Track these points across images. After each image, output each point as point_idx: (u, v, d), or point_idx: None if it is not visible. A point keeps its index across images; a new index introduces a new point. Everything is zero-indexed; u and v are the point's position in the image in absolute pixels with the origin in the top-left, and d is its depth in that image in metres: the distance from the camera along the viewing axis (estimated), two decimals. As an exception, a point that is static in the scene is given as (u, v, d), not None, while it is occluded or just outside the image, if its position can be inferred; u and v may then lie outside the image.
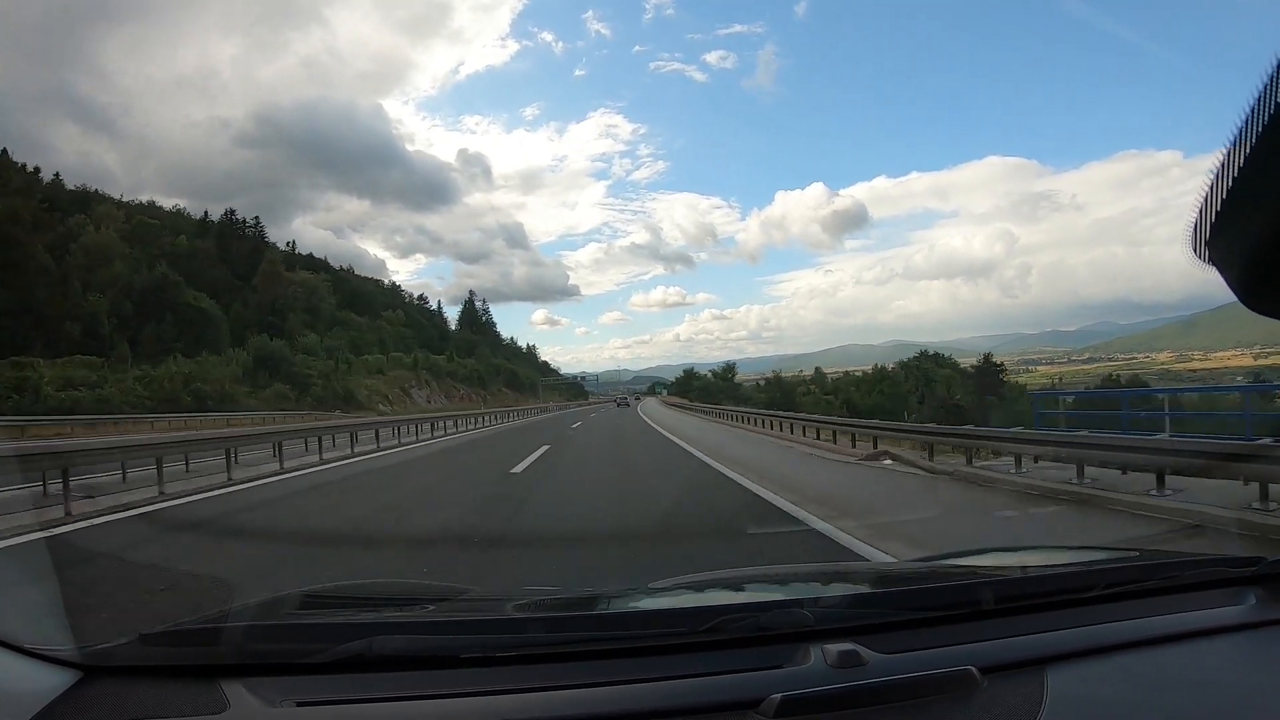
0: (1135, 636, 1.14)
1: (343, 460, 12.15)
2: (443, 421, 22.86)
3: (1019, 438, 8.46)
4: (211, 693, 0.93)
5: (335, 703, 0.93)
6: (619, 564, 4.60)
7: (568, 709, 0.92)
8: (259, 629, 1.11)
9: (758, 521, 5.87)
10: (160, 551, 5.23)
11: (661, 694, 0.94)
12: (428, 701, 0.92)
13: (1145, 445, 6.86)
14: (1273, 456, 5.40)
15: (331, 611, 1.37)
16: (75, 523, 5.89)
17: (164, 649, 1.03)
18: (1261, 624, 1.22)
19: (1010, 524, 5.93)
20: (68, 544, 5.12)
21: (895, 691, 0.95)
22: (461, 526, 5.90)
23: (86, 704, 0.93)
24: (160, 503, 7.17)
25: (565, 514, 6.75)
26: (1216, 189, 0.57)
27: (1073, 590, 1.26)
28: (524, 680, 0.96)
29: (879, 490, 8.20)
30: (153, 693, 0.94)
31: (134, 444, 8.77)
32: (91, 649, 1.02)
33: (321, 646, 0.99)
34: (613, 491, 8.43)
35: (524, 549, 5.19)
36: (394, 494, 8.56)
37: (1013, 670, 1.02)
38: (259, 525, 6.41)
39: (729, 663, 1.01)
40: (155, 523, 6.20)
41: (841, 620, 1.11)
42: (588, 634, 1.11)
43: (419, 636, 1.08)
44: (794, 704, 0.91)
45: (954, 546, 2.34)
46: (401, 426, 18.05)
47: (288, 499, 7.84)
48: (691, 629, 1.07)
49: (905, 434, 11.24)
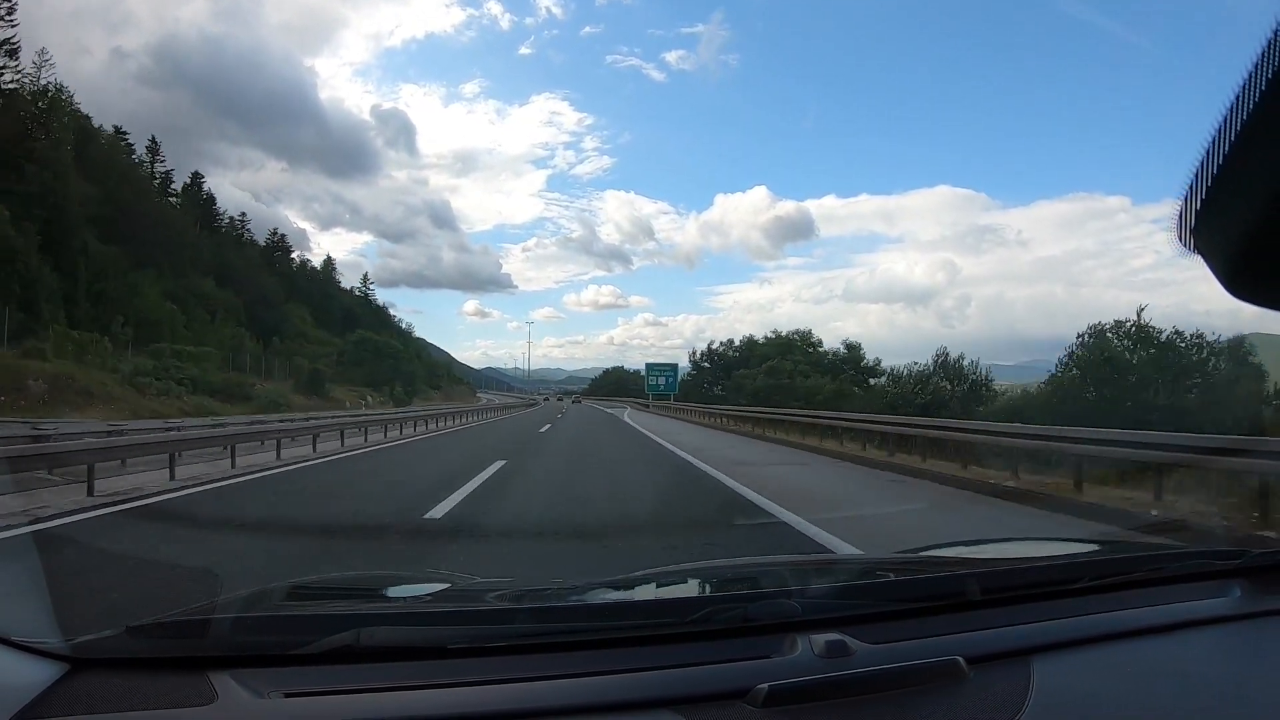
0: (1121, 628, 1.15)
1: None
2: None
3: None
4: (199, 684, 0.93)
5: (323, 694, 0.93)
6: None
7: (556, 699, 0.92)
8: (246, 620, 1.10)
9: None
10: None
11: (649, 684, 0.94)
12: (416, 692, 0.92)
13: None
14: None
15: (319, 603, 1.37)
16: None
17: (151, 641, 1.03)
18: (1246, 616, 1.24)
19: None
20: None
21: (882, 681, 0.96)
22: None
23: (74, 697, 0.92)
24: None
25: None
26: (1202, 176, 0.57)
27: (1059, 582, 1.27)
28: (512, 670, 0.96)
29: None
30: (140, 685, 0.94)
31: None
32: (78, 641, 1.01)
33: (310, 637, 0.99)
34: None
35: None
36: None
37: (999, 661, 1.03)
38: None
39: (716, 653, 1.01)
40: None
41: (829, 611, 1.12)
42: (576, 624, 1.11)
43: (407, 627, 1.08)
44: (781, 694, 0.91)
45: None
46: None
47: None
48: (679, 619, 1.08)
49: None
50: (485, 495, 7.33)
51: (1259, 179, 0.55)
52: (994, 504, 7.24)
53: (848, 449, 12.95)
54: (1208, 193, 0.57)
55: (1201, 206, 0.58)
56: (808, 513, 5.96)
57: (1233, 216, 0.58)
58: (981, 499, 7.51)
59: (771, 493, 7.39)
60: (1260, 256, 0.60)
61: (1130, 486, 6.81)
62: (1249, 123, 0.53)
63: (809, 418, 17.20)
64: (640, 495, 8.07)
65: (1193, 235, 0.61)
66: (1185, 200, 0.59)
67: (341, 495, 8.04)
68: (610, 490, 8.45)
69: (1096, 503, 6.51)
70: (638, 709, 0.91)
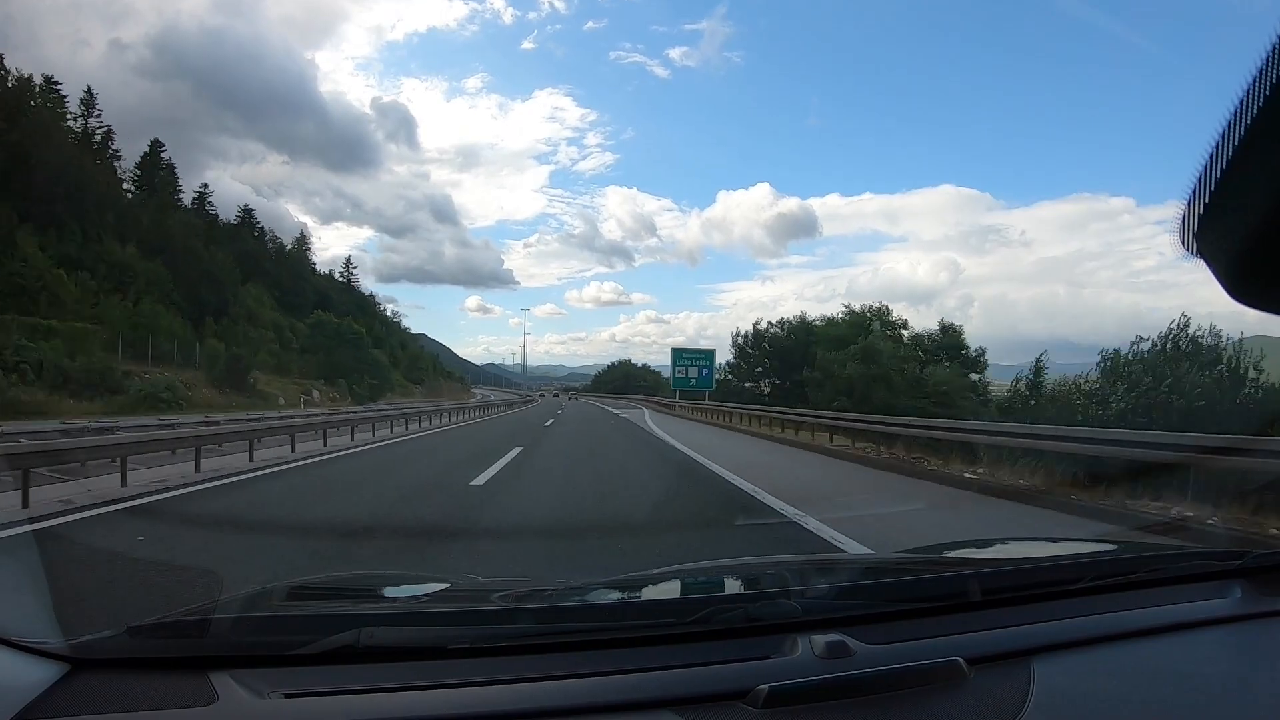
0: (1122, 629, 1.15)
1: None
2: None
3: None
4: (200, 685, 0.93)
5: (324, 694, 0.93)
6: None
7: (557, 699, 0.92)
8: (247, 621, 1.10)
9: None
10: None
11: (649, 684, 0.94)
12: (417, 692, 0.92)
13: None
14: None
15: (319, 603, 1.36)
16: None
17: (152, 641, 1.03)
18: (1247, 617, 1.24)
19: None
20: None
21: (883, 682, 0.95)
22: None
23: (74, 697, 0.92)
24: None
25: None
26: (1205, 180, 0.57)
27: (1060, 582, 1.27)
28: (513, 671, 0.96)
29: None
30: (141, 685, 0.94)
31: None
32: (79, 642, 1.01)
33: (310, 638, 0.99)
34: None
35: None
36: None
37: (1000, 662, 1.03)
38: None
39: (717, 653, 1.01)
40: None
41: (829, 611, 1.12)
42: (576, 625, 1.11)
43: (407, 627, 1.08)
44: (782, 694, 0.91)
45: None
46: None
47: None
48: (680, 620, 1.08)
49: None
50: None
51: (1262, 184, 0.55)
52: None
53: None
54: (1211, 196, 0.57)
55: (1205, 210, 0.58)
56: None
57: (1236, 220, 0.58)
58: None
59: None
60: (1263, 261, 0.59)
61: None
62: (1252, 127, 0.52)
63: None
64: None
65: (1195, 238, 0.61)
66: (1188, 203, 0.59)
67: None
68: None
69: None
70: (638, 709, 0.91)
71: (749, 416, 21.54)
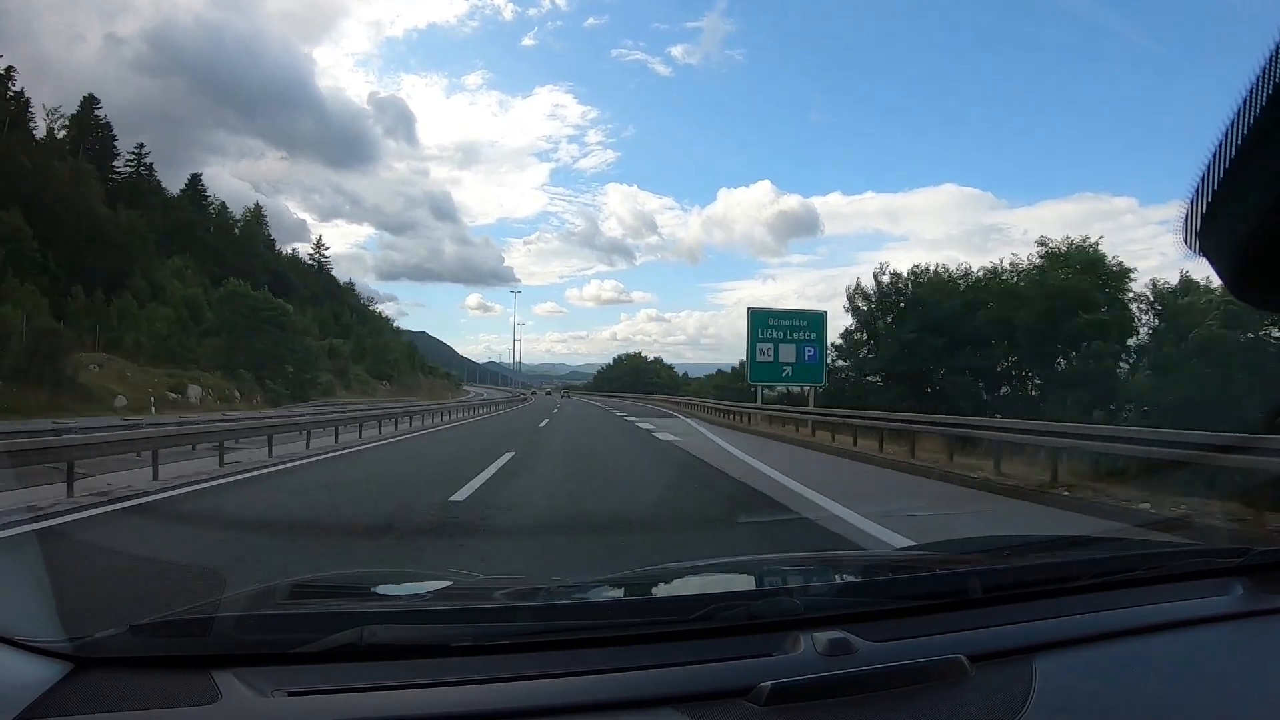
0: (1123, 626, 1.15)
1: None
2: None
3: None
4: (203, 683, 0.93)
5: (326, 692, 0.93)
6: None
7: (559, 697, 0.92)
8: (250, 619, 1.10)
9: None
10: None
11: (652, 682, 0.95)
12: (419, 690, 0.92)
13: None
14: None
15: (322, 601, 1.37)
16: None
17: (155, 640, 1.03)
18: (1249, 614, 1.24)
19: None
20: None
21: (885, 680, 0.96)
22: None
23: (78, 696, 0.92)
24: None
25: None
26: (1208, 180, 0.57)
27: (1061, 580, 1.27)
28: (515, 669, 0.96)
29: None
30: (144, 684, 0.94)
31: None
32: (82, 640, 1.01)
33: (312, 636, 0.99)
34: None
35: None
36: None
37: (1002, 659, 1.03)
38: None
39: (719, 651, 1.01)
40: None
41: (831, 608, 1.12)
42: (579, 622, 1.11)
43: (410, 626, 1.08)
44: (784, 692, 0.91)
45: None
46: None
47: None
48: (682, 617, 1.08)
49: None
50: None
51: (1265, 183, 0.55)
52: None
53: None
54: (1214, 196, 0.57)
55: (1208, 210, 0.58)
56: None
57: (1239, 220, 0.58)
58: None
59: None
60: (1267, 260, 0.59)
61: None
62: (1255, 126, 0.52)
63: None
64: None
65: (1198, 238, 0.61)
66: (1191, 203, 0.59)
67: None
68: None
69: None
70: (640, 707, 0.91)
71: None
